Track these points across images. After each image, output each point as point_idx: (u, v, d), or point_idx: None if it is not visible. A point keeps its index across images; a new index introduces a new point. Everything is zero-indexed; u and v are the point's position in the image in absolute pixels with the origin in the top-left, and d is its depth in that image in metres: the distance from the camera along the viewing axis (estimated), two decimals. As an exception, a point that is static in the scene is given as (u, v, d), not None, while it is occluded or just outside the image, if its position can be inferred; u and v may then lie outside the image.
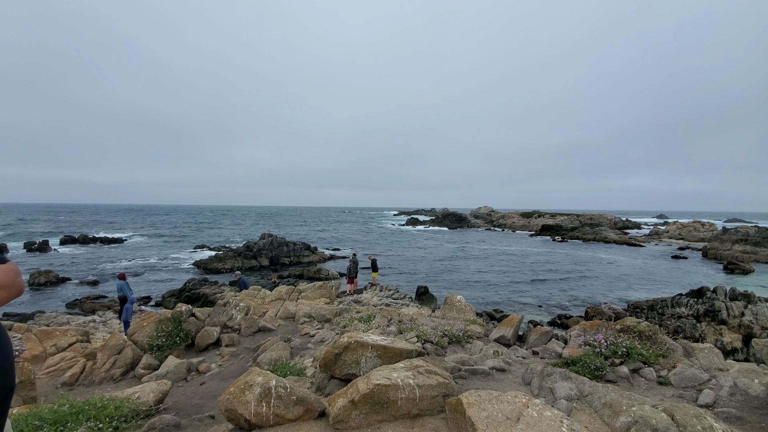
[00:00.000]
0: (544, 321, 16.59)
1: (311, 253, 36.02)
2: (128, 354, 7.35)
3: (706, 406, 3.36)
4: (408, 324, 5.99)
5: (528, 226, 78.67)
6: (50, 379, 7.05)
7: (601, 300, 20.65)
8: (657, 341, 4.81)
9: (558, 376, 3.73)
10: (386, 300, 16.42)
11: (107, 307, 18.41)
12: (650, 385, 3.92)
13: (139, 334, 8.02)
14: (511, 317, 6.06)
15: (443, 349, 4.89)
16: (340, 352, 3.87)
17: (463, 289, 23.42)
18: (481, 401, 2.79)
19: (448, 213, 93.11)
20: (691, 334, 13.80)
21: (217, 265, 30.61)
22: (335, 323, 8.51)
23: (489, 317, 16.20)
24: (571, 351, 4.65)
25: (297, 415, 3.08)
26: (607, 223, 75.46)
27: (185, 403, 5.10)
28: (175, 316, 8.35)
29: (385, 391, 3.02)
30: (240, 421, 3.13)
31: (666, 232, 63.41)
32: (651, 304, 16.94)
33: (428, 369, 3.42)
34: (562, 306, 19.92)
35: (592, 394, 3.46)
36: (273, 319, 9.42)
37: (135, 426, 3.95)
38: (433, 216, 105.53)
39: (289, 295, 12.34)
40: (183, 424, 3.93)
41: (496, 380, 4.00)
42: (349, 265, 18.05)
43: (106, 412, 3.93)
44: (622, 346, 4.42)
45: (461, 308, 7.53)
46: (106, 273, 28.32)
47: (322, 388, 3.96)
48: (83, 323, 14.08)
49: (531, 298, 21.36)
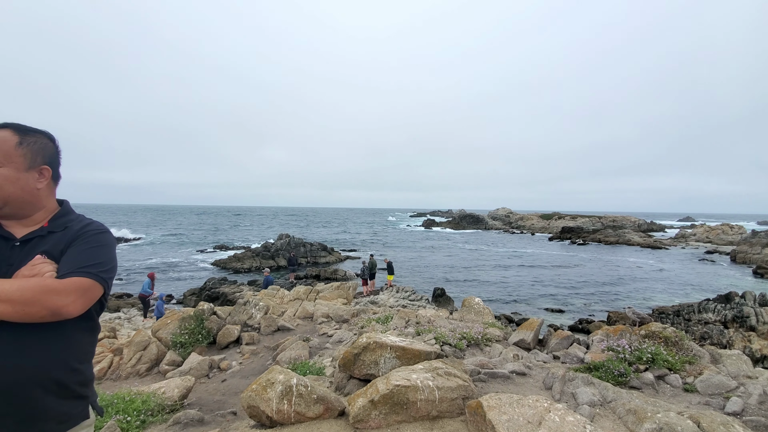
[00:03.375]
0: (564, 325, 16.27)
1: (328, 254, 36.30)
2: (153, 350, 7.58)
3: (733, 414, 3.26)
4: (426, 326, 5.98)
5: (547, 228, 77.21)
6: (80, 373, 7.33)
7: (623, 305, 20.12)
8: (683, 347, 4.68)
9: (580, 381, 3.67)
10: (403, 301, 16.43)
11: (131, 304, 18.99)
12: (676, 392, 3.82)
13: (163, 331, 8.25)
14: (531, 321, 5.98)
15: (462, 352, 4.86)
16: (359, 353, 3.90)
17: (480, 292, 23.19)
18: (501, 404, 2.77)
19: (465, 214, 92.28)
20: (718, 341, 13.32)
21: (236, 264, 31.18)
22: (353, 324, 8.56)
23: (507, 320, 15.99)
24: (593, 356, 4.56)
25: (317, 413, 3.13)
26: (631, 225, 73.40)
27: (208, 399, 5.23)
28: (197, 314, 8.56)
29: (405, 392, 3.04)
30: (262, 418, 3.19)
31: (693, 235, 61.27)
32: (677, 309, 16.41)
33: (447, 371, 3.41)
34: (583, 310, 19.49)
35: (615, 400, 3.39)
36: (292, 318, 9.55)
37: (161, 420, 4.08)
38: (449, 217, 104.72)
39: (307, 295, 12.47)
40: (206, 420, 4.03)
41: (517, 384, 3.96)
42: (366, 266, 18.11)
43: (134, 406, 4.07)
44: (647, 351, 4.32)
45: (479, 311, 7.47)
46: (129, 272, 29.21)
47: (342, 387, 4.00)
48: (109, 320, 14.57)
49: (551, 302, 20.98)
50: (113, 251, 1.54)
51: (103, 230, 1.56)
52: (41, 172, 1.46)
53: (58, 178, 1.57)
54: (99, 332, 1.62)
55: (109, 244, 1.53)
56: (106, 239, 1.53)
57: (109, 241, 1.55)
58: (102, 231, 1.54)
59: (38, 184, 1.46)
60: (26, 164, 1.41)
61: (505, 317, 16.47)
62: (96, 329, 1.58)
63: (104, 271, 1.44)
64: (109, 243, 1.54)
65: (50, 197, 1.54)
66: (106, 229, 1.57)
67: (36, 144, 1.44)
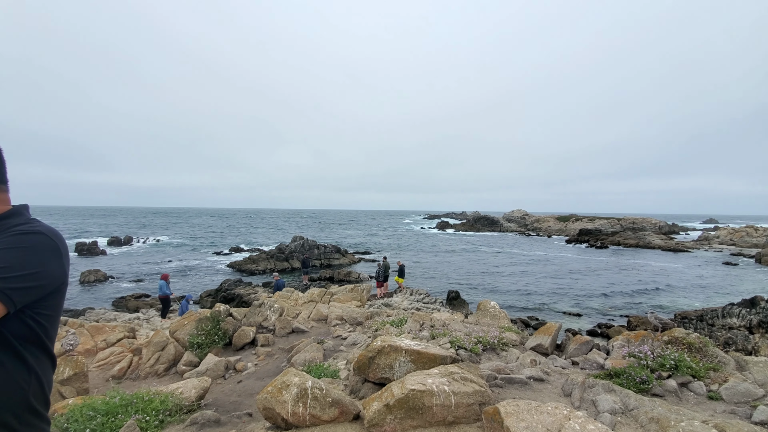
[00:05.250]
0: (583, 330, 15.93)
1: (341, 256, 36.42)
2: (171, 351, 7.70)
3: (761, 423, 3.13)
4: (440, 329, 5.93)
5: (564, 230, 75.84)
6: (100, 372, 7.50)
7: (644, 309, 19.60)
8: (707, 354, 4.55)
9: (601, 388, 3.58)
10: (416, 304, 16.34)
11: (150, 305, 19.39)
12: (700, 400, 3.71)
13: (181, 332, 8.39)
14: (549, 325, 5.87)
15: (477, 356, 4.80)
16: (374, 356, 3.88)
17: (495, 295, 22.90)
18: (519, 411, 2.72)
19: (480, 216, 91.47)
20: (743, 347, 12.83)
21: (251, 266, 31.54)
22: (367, 326, 8.55)
23: (524, 325, 15.74)
24: (614, 362, 4.45)
25: (332, 416, 3.12)
26: (651, 227, 71.54)
27: (224, 400, 5.28)
28: (213, 315, 8.68)
29: (420, 397, 3.01)
30: (277, 420, 3.20)
31: (716, 238, 59.37)
32: (700, 314, 15.90)
33: (463, 376, 3.37)
34: (602, 314, 19.04)
35: (637, 408, 3.29)
36: (306, 320, 9.60)
37: (178, 420, 4.13)
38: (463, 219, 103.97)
39: (321, 297, 12.52)
40: (222, 421, 4.07)
41: (534, 390, 3.88)
42: (379, 268, 18.09)
43: (153, 406, 4.14)
44: (670, 358, 4.20)
45: (495, 314, 7.37)
46: (147, 273, 29.86)
47: (356, 390, 3.99)
48: (128, 320, 14.89)
49: (568, 306, 20.57)
50: (35, 256, 1.15)
51: (31, 231, 1.19)
52: None
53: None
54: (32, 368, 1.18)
55: (28, 247, 1.14)
56: (26, 240, 1.15)
57: (32, 242, 1.16)
58: (28, 232, 1.18)
59: None
60: None
61: (522, 321, 16.22)
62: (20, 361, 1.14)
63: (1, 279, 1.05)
64: (30, 245, 1.15)
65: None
66: (40, 231, 1.20)
67: None
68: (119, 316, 16.13)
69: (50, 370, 1.28)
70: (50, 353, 1.26)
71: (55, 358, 1.31)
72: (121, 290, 23.87)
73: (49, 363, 1.26)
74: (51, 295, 1.20)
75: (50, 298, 1.20)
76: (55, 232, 1.26)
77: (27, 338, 1.15)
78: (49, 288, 1.18)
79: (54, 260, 1.20)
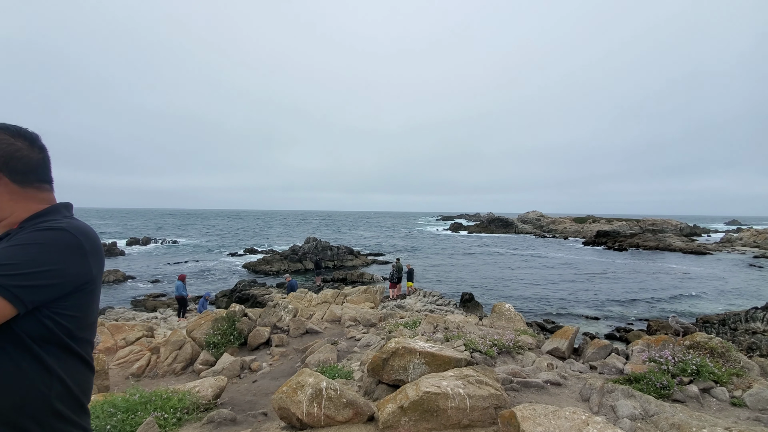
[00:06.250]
0: (600, 334, 15.60)
1: (354, 257, 36.53)
2: (188, 350, 7.84)
3: (786, 431, 3.02)
4: (455, 331, 5.89)
5: (581, 232, 74.42)
6: (120, 370, 7.68)
7: (664, 313, 19.10)
8: (730, 359, 4.43)
9: (620, 394, 3.50)
10: (430, 306, 16.28)
11: (167, 305, 19.78)
12: (722, 406, 3.61)
13: (197, 332, 8.53)
14: (566, 329, 5.77)
15: (492, 360, 4.75)
16: (388, 358, 3.88)
17: (510, 297, 22.62)
18: (536, 415, 2.68)
19: (494, 218, 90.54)
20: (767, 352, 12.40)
21: (265, 267, 31.89)
22: (380, 328, 8.55)
23: (540, 328, 15.50)
24: (634, 367, 4.35)
25: (347, 417, 3.13)
26: (672, 229, 69.66)
27: (239, 399, 5.34)
28: (229, 315, 8.80)
29: (435, 399, 2.99)
30: (292, 420, 3.23)
31: (739, 240, 57.49)
32: (722, 318, 15.41)
33: (479, 379, 3.33)
34: (620, 318, 18.63)
35: (658, 413, 3.21)
36: (320, 321, 9.65)
37: (195, 418, 4.20)
38: (477, 221, 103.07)
39: (335, 298, 12.58)
40: (239, 420, 4.12)
41: (551, 394, 3.82)
42: (393, 270, 18.10)
43: (171, 404, 4.22)
44: (692, 363, 4.09)
45: (510, 317, 7.29)
46: (164, 273, 30.49)
47: (370, 392, 3.99)
48: (147, 319, 15.22)
49: (585, 309, 20.18)
50: (50, 252, 1.06)
51: (51, 228, 1.11)
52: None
53: (27, 181, 1.20)
54: (49, 376, 1.08)
55: (43, 243, 1.06)
56: (42, 237, 1.08)
57: (49, 239, 1.08)
58: (47, 228, 1.11)
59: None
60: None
61: (537, 324, 15.98)
62: (38, 363, 1.06)
63: (6, 276, 0.97)
64: (46, 242, 1.07)
65: (11, 203, 1.18)
66: (61, 227, 1.12)
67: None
68: (138, 315, 16.52)
69: (82, 373, 1.19)
70: (78, 354, 1.16)
71: (88, 360, 1.21)
72: (140, 290, 24.44)
73: (79, 365, 1.17)
74: (71, 294, 1.10)
75: (71, 297, 1.10)
76: (84, 230, 1.17)
77: (46, 339, 1.06)
78: (68, 287, 1.08)
79: (73, 258, 1.10)
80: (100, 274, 1.24)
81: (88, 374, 1.22)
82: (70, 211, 1.29)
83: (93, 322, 1.23)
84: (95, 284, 1.20)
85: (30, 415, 1.04)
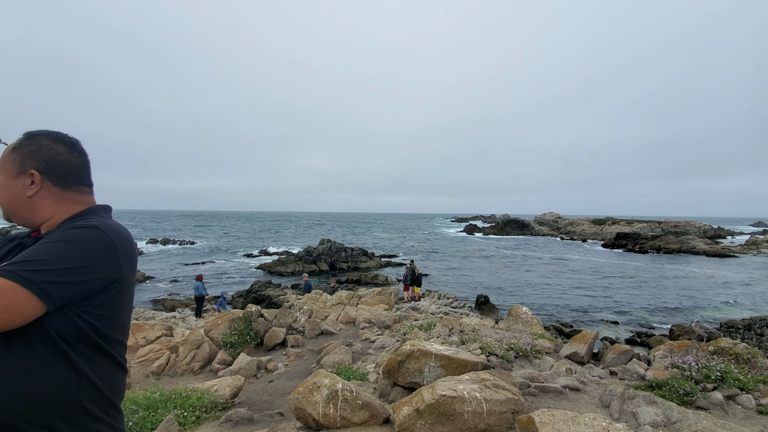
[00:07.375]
0: (620, 338, 15.22)
1: (368, 259, 36.59)
2: (206, 349, 7.98)
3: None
4: (470, 334, 5.84)
5: (600, 234, 72.79)
6: (141, 368, 7.86)
7: (686, 317, 18.53)
8: (756, 365, 4.28)
9: (641, 400, 3.41)
10: (444, 308, 16.16)
11: (185, 304, 20.17)
12: (748, 414, 3.49)
13: (215, 332, 8.67)
14: (585, 333, 5.66)
15: (509, 364, 4.68)
16: (403, 360, 3.87)
17: (526, 300, 22.28)
18: (555, 421, 2.63)
19: (510, 219, 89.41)
20: (799, 360, 11.88)
21: (280, 268, 32.23)
22: (395, 330, 8.53)
23: (557, 332, 15.23)
24: (656, 373, 4.23)
25: (362, 419, 3.13)
26: (695, 231, 67.51)
27: (256, 398, 5.41)
28: (246, 316, 8.92)
29: (451, 403, 2.97)
30: (308, 421, 3.25)
31: (765, 242, 55.38)
32: (748, 323, 14.86)
33: (495, 383, 3.30)
34: (641, 323, 18.14)
35: (681, 421, 3.12)
36: (334, 323, 9.69)
37: (214, 417, 4.27)
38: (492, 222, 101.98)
39: (350, 300, 12.62)
40: (255, 419, 4.17)
41: (570, 400, 3.74)
42: (407, 272, 18.05)
43: (190, 402, 4.30)
44: (716, 369, 3.96)
45: (527, 320, 7.18)
46: (182, 274, 31.13)
47: (385, 394, 3.98)
48: (166, 318, 15.55)
49: (605, 313, 19.73)
50: (80, 250, 1.06)
51: (84, 226, 1.12)
52: (31, 178, 1.19)
53: (67, 184, 1.24)
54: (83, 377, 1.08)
55: (74, 240, 1.07)
56: (74, 234, 1.08)
57: (80, 236, 1.08)
58: (79, 226, 1.12)
59: (27, 192, 1.18)
60: (15, 170, 1.18)
61: (555, 328, 15.71)
62: (67, 362, 1.05)
63: (36, 272, 0.97)
64: (77, 239, 1.07)
65: (54, 206, 1.22)
66: (93, 225, 1.13)
67: (28, 147, 1.19)
68: (157, 314, 16.88)
69: (113, 373, 1.18)
70: (109, 354, 1.15)
71: (119, 360, 1.21)
72: (159, 290, 25.00)
73: (110, 364, 1.16)
74: (101, 292, 1.09)
75: (101, 296, 1.10)
76: (117, 229, 1.17)
77: (76, 338, 1.05)
78: (97, 284, 1.07)
79: (104, 256, 1.09)
80: (132, 274, 1.23)
81: (119, 374, 1.22)
82: (108, 213, 1.31)
83: (124, 321, 1.23)
84: (126, 283, 1.19)
85: (58, 414, 1.03)
